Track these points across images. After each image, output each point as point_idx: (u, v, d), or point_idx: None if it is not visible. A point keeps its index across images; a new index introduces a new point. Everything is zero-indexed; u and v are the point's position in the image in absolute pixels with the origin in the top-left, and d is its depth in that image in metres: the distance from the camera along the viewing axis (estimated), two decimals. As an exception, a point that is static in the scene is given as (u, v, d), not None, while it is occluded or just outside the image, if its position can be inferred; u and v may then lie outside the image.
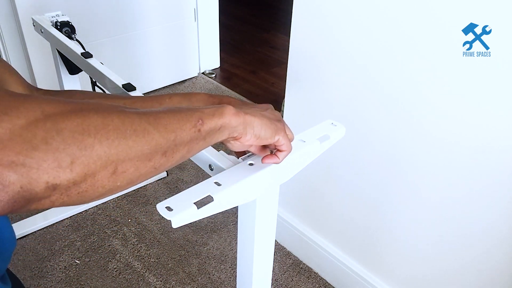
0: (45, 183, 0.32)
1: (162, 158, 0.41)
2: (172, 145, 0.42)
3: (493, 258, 1.02)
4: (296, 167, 0.66)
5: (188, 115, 0.44)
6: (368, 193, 1.24)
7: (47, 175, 0.32)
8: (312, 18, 1.14)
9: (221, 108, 0.48)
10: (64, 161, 0.32)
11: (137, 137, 0.38)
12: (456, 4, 0.85)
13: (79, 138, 0.33)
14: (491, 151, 0.92)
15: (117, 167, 0.36)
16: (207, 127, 0.45)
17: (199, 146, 0.46)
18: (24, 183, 0.31)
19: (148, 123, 0.39)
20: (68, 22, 1.32)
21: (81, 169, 0.33)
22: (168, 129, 0.41)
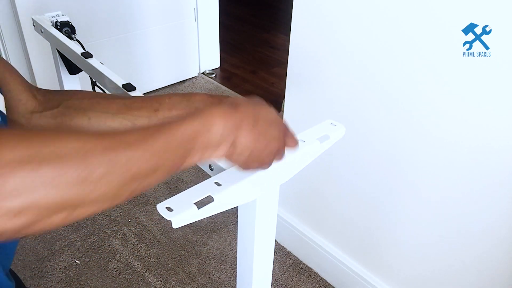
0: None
1: (125, 196, 0.39)
2: (138, 185, 0.40)
3: (493, 258, 1.02)
4: (296, 167, 0.66)
5: (173, 157, 0.42)
6: (368, 193, 1.24)
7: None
8: (312, 18, 1.14)
9: (215, 153, 0.46)
10: (12, 211, 0.31)
11: (96, 186, 0.35)
12: (456, 4, 0.85)
13: (30, 189, 0.32)
14: (491, 151, 0.92)
15: (72, 212, 0.35)
16: (186, 167, 0.44)
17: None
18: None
19: (113, 169, 0.36)
20: (68, 22, 1.32)
21: (31, 217, 0.32)
22: (134, 175, 0.39)
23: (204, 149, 0.45)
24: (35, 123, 0.67)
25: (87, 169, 0.34)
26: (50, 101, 0.68)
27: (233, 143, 0.48)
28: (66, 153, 0.34)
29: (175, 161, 0.43)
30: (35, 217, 0.32)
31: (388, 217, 1.21)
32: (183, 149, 0.43)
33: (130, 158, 0.38)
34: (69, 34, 1.31)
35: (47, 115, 0.67)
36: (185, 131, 0.43)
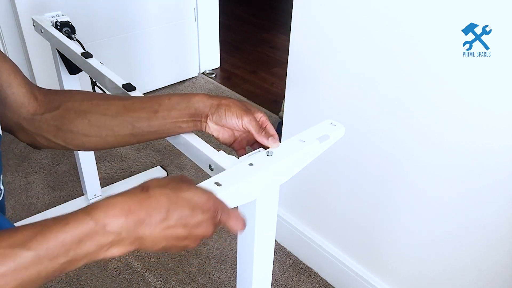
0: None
1: None
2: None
3: (493, 258, 1.02)
4: (296, 167, 0.66)
5: (46, 271, 0.38)
6: (368, 193, 1.24)
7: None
8: (312, 18, 1.14)
9: (108, 252, 0.41)
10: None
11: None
12: (456, 4, 0.85)
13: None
14: (491, 150, 0.92)
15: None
16: (70, 270, 0.40)
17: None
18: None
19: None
20: (68, 22, 1.32)
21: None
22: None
23: (95, 251, 0.40)
24: (36, 126, 0.67)
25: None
26: (51, 102, 0.68)
27: (137, 238, 0.42)
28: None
29: (52, 272, 0.38)
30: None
31: (388, 217, 1.21)
32: (64, 257, 0.38)
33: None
34: (69, 34, 1.31)
35: (47, 117, 0.67)
36: (67, 236, 0.38)
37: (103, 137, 0.68)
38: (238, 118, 0.63)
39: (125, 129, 0.67)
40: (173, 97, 0.68)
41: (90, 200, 1.72)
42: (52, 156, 2.00)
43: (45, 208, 1.72)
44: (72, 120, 0.67)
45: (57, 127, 0.68)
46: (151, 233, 0.42)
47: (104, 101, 0.68)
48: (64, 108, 0.68)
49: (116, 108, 0.67)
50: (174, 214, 0.43)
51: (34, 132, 0.68)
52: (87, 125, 0.67)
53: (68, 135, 0.68)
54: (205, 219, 0.46)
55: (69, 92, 0.72)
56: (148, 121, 0.67)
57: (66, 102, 0.68)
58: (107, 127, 0.67)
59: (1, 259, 0.35)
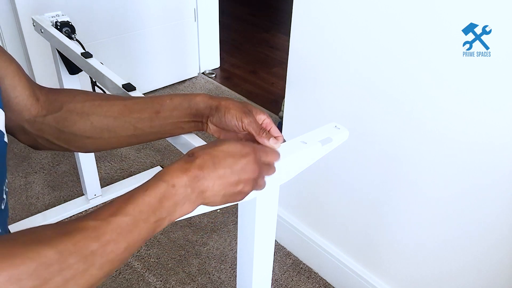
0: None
1: (105, 278, 0.43)
2: (117, 267, 0.44)
3: (493, 258, 1.02)
4: (296, 168, 0.65)
5: (143, 231, 0.44)
6: (368, 193, 1.24)
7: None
8: (312, 18, 1.14)
9: (182, 208, 0.48)
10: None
11: (79, 286, 0.39)
12: (456, 4, 0.85)
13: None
14: (491, 151, 0.92)
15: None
16: (158, 231, 0.47)
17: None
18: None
19: (92, 265, 0.40)
20: (68, 22, 1.32)
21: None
22: (114, 261, 0.43)
23: (173, 209, 0.47)
24: (38, 128, 0.67)
25: (68, 276, 0.38)
26: (52, 103, 0.68)
27: (201, 192, 0.49)
28: (48, 266, 0.37)
29: (147, 232, 0.45)
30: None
31: (388, 217, 1.22)
32: (153, 217, 0.45)
33: (101, 248, 0.41)
34: (69, 34, 1.31)
35: (49, 119, 0.67)
36: (151, 199, 0.45)
37: (106, 139, 0.68)
38: (238, 120, 0.63)
39: (127, 130, 0.67)
40: (174, 97, 0.67)
41: (90, 200, 1.72)
42: (52, 156, 2.00)
43: (45, 208, 1.72)
44: (74, 123, 0.67)
45: (59, 129, 0.67)
46: (209, 185, 0.49)
47: (106, 102, 0.68)
48: (65, 110, 0.67)
49: (118, 109, 0.67)
50: (220, 165, 0.51)
51: (35, 134, 0.68)
52: (90, 127, 0.67)
53: (70, 137, 0.68)
54: (247, 162, 0.53)
55: (70, 92, 0.71)
56: (150, 122, 0.67)
57: (67, 103, 0.68)
58: (109, 128, 0.67)
59: (107, 226, 0.42)
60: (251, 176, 0.53)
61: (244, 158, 0.53)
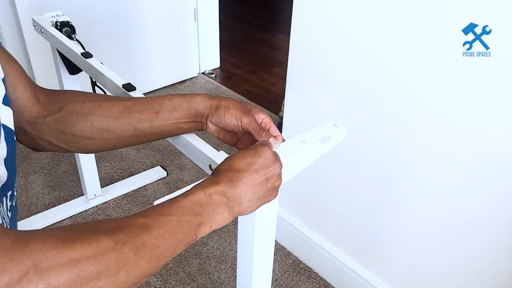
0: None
1: (148, 277, 0.45)
2: (161, 266, 0.46)
3: (493, 258, 1.02)
4: (296, 168, 0.65)
5: (185, 234, 0.47)
6: (368, 193, 1.24)
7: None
8: (312, 18, 1.14)
9: (220, 218, 0.50)
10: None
11: (128, 276, 0.41)
12: (456, 4, 0.85)
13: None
14: (491, 151, 0.92)
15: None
16: (199, 236, 0.49)
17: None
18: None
19: (143, 259, 0.42)
20: (68, 22, 1.32)
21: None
22: (160, 258, 0.44)
23: (213, 215, 0.50)
24: (38, 129, 0.67)
25: (121, 264, 0.40)
26: (53, 104, 0.68)
27: (236, 200, 0.52)
28: (105, 252, 0.39)
29: (190, 234, 0.48)
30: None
31: (388, 217, 1.21)
32: (195, 219, 0.48)
33: (150, 241, 0.43)
34: (69, 34, 1.31)
35: (49, 120, 0.67)
36: (192, 203, 0.49)
37: (106, 139, 0.68)
38: (237, 120, 0.63)
39: (127, 130, 0.67)
40: (174, 98, 0.67)
41: (90, 200, 1.72)
42: (52, 156, 2.00)
43: (45, 208, 1.72)
44: (74, 124, 0.67)
45: (60, 131, 0.67)
46: (241, 193, 0.52)
47: (106, 102, 0.68)
48: (66, 111, 0.67)
49: (118, 109, 0.67)
50: (244, 173, 0.53)
51: (36, 136, 0.68)
52: (90, 128, 0.67)
53: (70, 138, 0.68)
54: (264, 157, 0.55)
55: (70, 93, 0.71)
56: (150, 123, 0.67)
57: (67, 104, 0.68)
58: (109, 129, 0.67)
59: (155, 222, 0.44)
60: (276, 170, 0.56)
61: (260, 156, 0.55)
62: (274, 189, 0.57)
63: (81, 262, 0.37)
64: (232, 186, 0.52)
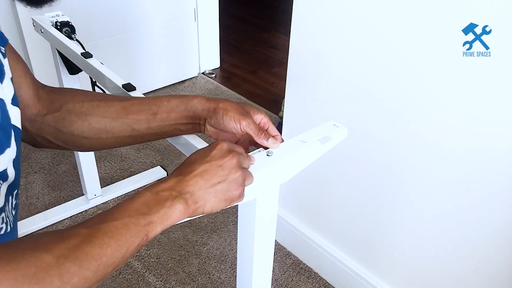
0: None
1: (99, 283, 0.44)
2: (109, 272, 0.45)
3: (493, 258, 1.02)
4: (296, 168, 0.65)
5: (134, 237, 0.45)
6: (368, 193, 1.24)
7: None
8: (312, 18, 1.14)
9: (170, 211, 0.48)
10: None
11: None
12: (456, 4, 0.85)
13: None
14: (492, 151, 0.92)
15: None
16: (152, 236, 0.47)
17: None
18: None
19: (89, 270, 0.42)
20: (68, 22, 1.32)
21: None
22: (108, 265, 0.44)
23: (163, 213, 0.48)
24: (38, 127, 0.68)
25: (65, 279, 0.40)
26: (53, 103, 0.68)
27: (189, 194, 0.50)
28: (47, 269, 0.39)
29: (140, 235, 0.46)
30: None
31: (388, 217, 1.21)
32: (143, 220, 0.47)
33: (94, 251, 0.43)
34: (69, 34, 1.31)
35: (48, 119, 0.67)
36: (137, 205, 0.47)
37: (103, 139, 0.69)
38: (236, 122, 0.62)
39: (125, 131, 0.67)
40: (172, 99, 0.67)
41: (90, 200, 1.72)
42: (52, 156, 2.00)
43: (45, 208, 1.72)
44: (72, 123, 0.67)
45: (58, 129, 0.68)
46: (194, 184, 0.50)
47: (104, 102, 0.68)
48: (64, 110, 0.68)
49: (116, 110, 0.67)
50: (196, 164, 0.52)
51: (35, 133, 0.68)
52: (88, 128, 0.67)
53: (68, 137, 0.68)
54: (219, 150, 0.54)
55: (70, 92, 0.71)
56: (147, 124, 0.67)
57: (67, 103, 0.68)
58: (107, 129, 0.67)
59: (98, 231, 0.43)
60: (231, 160, 0.53)
61: (213, 149, 0.54)
62: (235, 182, 0.53)
63: (25, 283, 0.37)
64: (182, 179, 0.50)
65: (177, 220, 0.49)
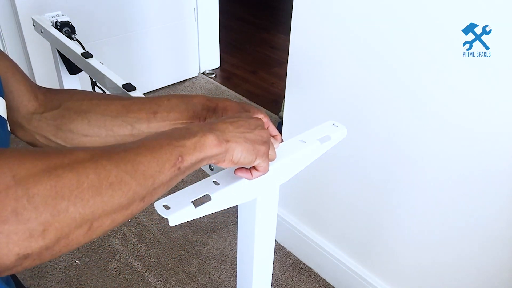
0: (16, 255, 0.30)
1: (140, 203, 0.40)
2: (151, 190, 0.41)
3: (493, 259, 1.02)
4: (296, 168, 0.65)
5: (168, 153, 0.43)
6: (368, 193, 1.24)
7: (18, 248, 0.30)
8: (312, 18, 1.14)
9: (203, 139, 0.46)
10: (36, 230, 0.31)
11: (114, 191, 0.37)
12: (456, 4, 0.85)
13: (52, 203, 0.32)
14: (491, 151, 0.92)
15: (92, 224, 0.35)
16: (187, 163, 0.44)
17: (177, 180, 0.45)
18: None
19: (125, 172, 0.38)
20: (68, 22, 1.32)
21: (54, 235, 0.32)
22: (146, 175, 0.40)
23: (192, 135, 0.46)
24: (36, 125, 0.67)
25: (102, 175, 0.36)
26: (51, 102, 0.68)
27: (216, 125, 0.50)
28: (81, 161, 0.35)
29: (173, 155, 0.43)
30: (59, 233, 0.32)
31: (388, 217, 1.21)
32: (175, 141, 0.45)
33: (141, 164, 0.40)
34: (69, 34, 1.31)
35: (47, 116, 0.67)
36: (168, 131, 0.47)
37: (103, 137, 0.68)
38: None
39: (125, 129, 0.67)
40: (172, 98, 0.67)
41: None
42: (52, 156, 2.00)
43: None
44: (72, 120, 0.67)
45: (57, 127, 0.68)
46: (222, 124, 0.50)
47: (104, 101, 0.69)
48: (64, 108, 0.68)
49: (116, 108, 0.67)
50: (222, 119, 0.52)
51: (33, 131, 0.68)
52: (87, 126, 0.67)
53: (67, 135, 0.68)
54: (248, 116, 0.55)
55: (69, 92, 0.72)
56: (148, 122, 0.67)
57: (66, 101, 0.68)
58: (106, 127, 0.67)
59: (133, 144, 0.41)
60: (258, 123, 0.54)
61: (242, 115, 0.55)
62: (261, 137, 0.53)
63: (58, 169, 0.34)
64: (211, 123, 0.50)
65: (210, 152, 0.47)
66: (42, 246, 0.32)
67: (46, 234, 0.31)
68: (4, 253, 0.29)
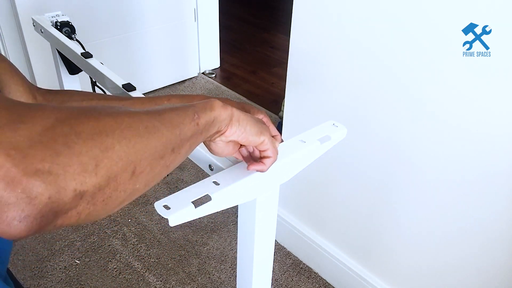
0: (73, 191, 0.31)
1: (172, 154, 0.42)
2: (178, 140, 0.43)
3: (492, 259, 1.02)
4: (296, 168, 0.65)
5: (185, 111, 0.45)
6: (368, 193, 1.24)
7: (75, 182, 0.31)
8: (312, 18, 1.14)
9: (210, 101, 0.48)
10: (89, 164, 0.32)
11: (149, 134, 0.38)
12: (456, 4, 0.85)
13: (99, 140, 0.33)
14: (490, 151, 0.92)
15: (135, 167, 0.36)
16: (203, 120, 0.46)
17: (198, 141, 0.47)
18: (52, 192, 0.29)
19: (155, 119, 0.40)
20: (68, 22, 1.32)
21: (105, 172, 0.33)
22: (173, 124, 0.42)
23: (208, 107, 0.48)
24: None
25: (135, 119, 0.38)
26: (51, 102, 0.68)
27: (230, 105, 0.51)
28: (114, 109, 0.37)
29: (192, 118, 0.46)
30: (109, 172, 0.34)
31: (388, 217, 1.21)
32: (190, 104, 0.47)
33: (166, 114, 0.42)
34: (69, 34, 1.31)
35: None
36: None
37: None
38: None
39: None
40: (172, 98, 0.68)
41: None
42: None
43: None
44: None
45: None
46: (240, 111, 0.51)
47: (103, 101, 0.69)
48: None
49: None
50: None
51: None
52: None
53: None
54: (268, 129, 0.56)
55: (68, 92, 0.72)
56: None
57: (65, 102, 0.68)
58: None
59: (151, 110, 0.42)
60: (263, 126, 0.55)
61: (265, 126, 0.56)
62: (265, 128, 0.55)
63: (95, 113, 0.35)
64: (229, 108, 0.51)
65: (219, 114, 0.48)
66: (96, 185, 0.32)
67: (98, 170, 0.32)
68: (62, 186, 0.30)
